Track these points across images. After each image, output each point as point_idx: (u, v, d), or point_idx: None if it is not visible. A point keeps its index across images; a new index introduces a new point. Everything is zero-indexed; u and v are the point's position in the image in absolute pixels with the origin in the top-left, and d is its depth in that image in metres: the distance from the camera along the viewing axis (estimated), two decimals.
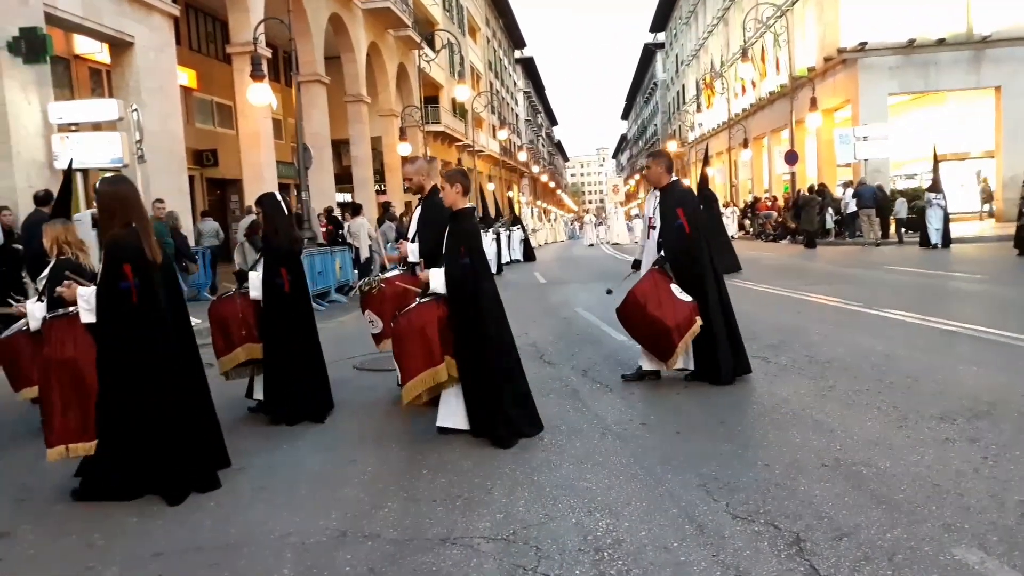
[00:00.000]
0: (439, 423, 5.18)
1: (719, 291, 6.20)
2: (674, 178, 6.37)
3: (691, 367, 6.19)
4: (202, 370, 4.71)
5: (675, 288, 5.99)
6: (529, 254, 26.77)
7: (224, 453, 4.75)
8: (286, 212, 6.18)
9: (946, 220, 19.07)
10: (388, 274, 6.47)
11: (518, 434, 4.97)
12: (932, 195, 19.18)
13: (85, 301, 4.39)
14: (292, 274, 5.94)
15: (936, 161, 20.10)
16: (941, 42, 25.95)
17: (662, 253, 6.19)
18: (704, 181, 17.06)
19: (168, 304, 4.47)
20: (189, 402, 4.42)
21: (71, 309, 4.55)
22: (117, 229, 4.34)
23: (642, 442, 4.83)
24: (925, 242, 19.35)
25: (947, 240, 18.99)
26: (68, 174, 6.97)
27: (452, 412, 5.14)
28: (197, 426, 4.46)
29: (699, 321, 5.94)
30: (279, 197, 6.23)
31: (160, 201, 12.35)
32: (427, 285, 5.17)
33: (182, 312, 4.69)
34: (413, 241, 6.23)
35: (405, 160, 5.94)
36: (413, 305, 5.19)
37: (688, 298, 5.96)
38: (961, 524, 3.35)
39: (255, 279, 5.98)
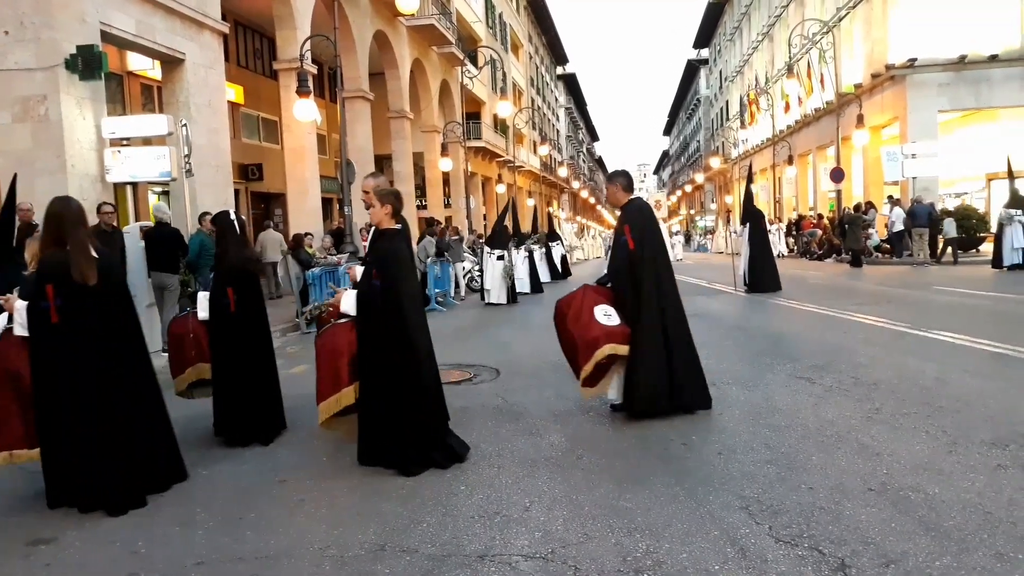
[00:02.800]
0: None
1: (662, 315, 5.73)
2: (633, 196, 6.13)
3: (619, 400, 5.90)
4: (153, 388, 4.75)
5: (603, 308, 5.72)
6: (565, 271, 26.07)
7: (179, 467, 4.82)
8: (238, 231, 6.04)
9: None
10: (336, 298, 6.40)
11: (401, 466, 4.75)
12: (1013, 211, 17.67)
13: (19, 314, 4.50)
14: (240, 294, 5.83)
15: (1011, 175, 18.79)
16: (994, 58, 25.46)
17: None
18: (749, 198, 16.88)
19: (112, 324, 4.50)
20: (117, 419, 4.43)
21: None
22: (50, 249, 4.44)
23: (683, 462, 4.77)
24: (998, 263, 17.83)
25: None
26: (12, 188, 6.98)
27: None
28: (121, 444, 4.44)
29: (615, 349, 5.59)
30: (233, 216, 6.11)
31: (207, 214, 12.59)
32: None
33: (131, 331, 4.68)
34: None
35: (368, 175, 5.77)
36: (328, 326, 5.15)
37: (615, 322, 5.64)
38: (1015, 554, 3.24)
39: (203, 299, 5.99)
